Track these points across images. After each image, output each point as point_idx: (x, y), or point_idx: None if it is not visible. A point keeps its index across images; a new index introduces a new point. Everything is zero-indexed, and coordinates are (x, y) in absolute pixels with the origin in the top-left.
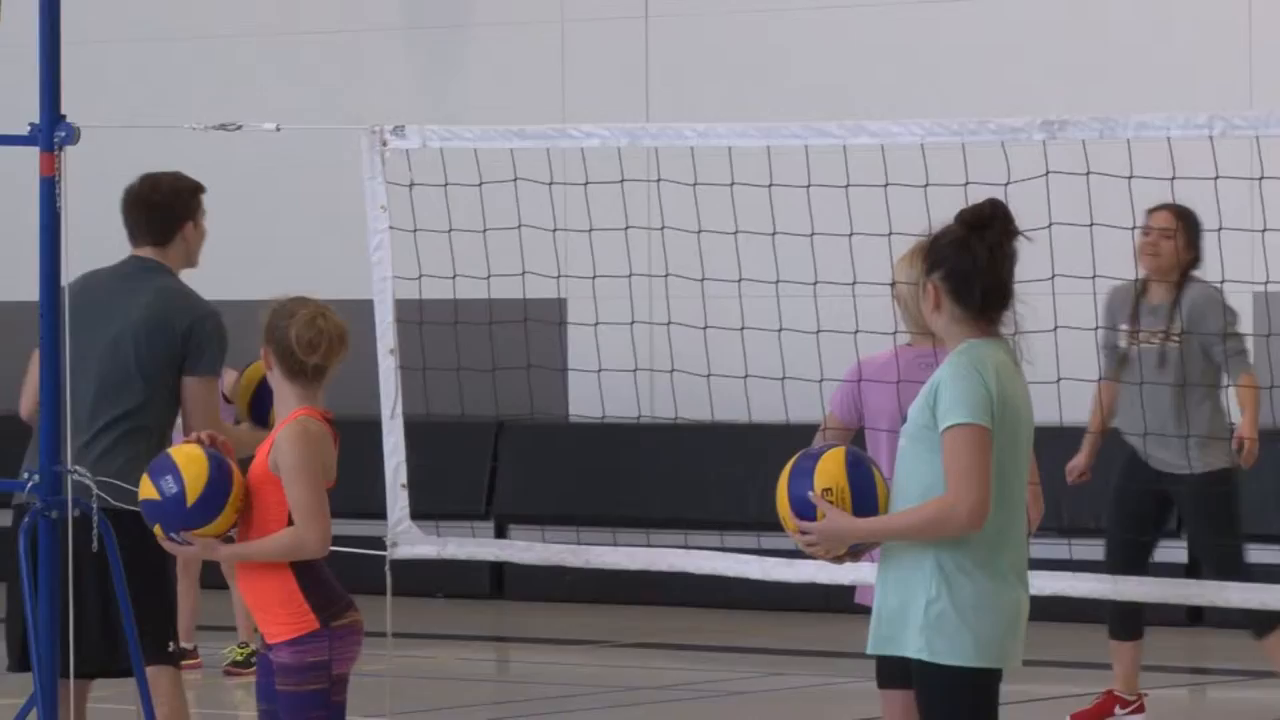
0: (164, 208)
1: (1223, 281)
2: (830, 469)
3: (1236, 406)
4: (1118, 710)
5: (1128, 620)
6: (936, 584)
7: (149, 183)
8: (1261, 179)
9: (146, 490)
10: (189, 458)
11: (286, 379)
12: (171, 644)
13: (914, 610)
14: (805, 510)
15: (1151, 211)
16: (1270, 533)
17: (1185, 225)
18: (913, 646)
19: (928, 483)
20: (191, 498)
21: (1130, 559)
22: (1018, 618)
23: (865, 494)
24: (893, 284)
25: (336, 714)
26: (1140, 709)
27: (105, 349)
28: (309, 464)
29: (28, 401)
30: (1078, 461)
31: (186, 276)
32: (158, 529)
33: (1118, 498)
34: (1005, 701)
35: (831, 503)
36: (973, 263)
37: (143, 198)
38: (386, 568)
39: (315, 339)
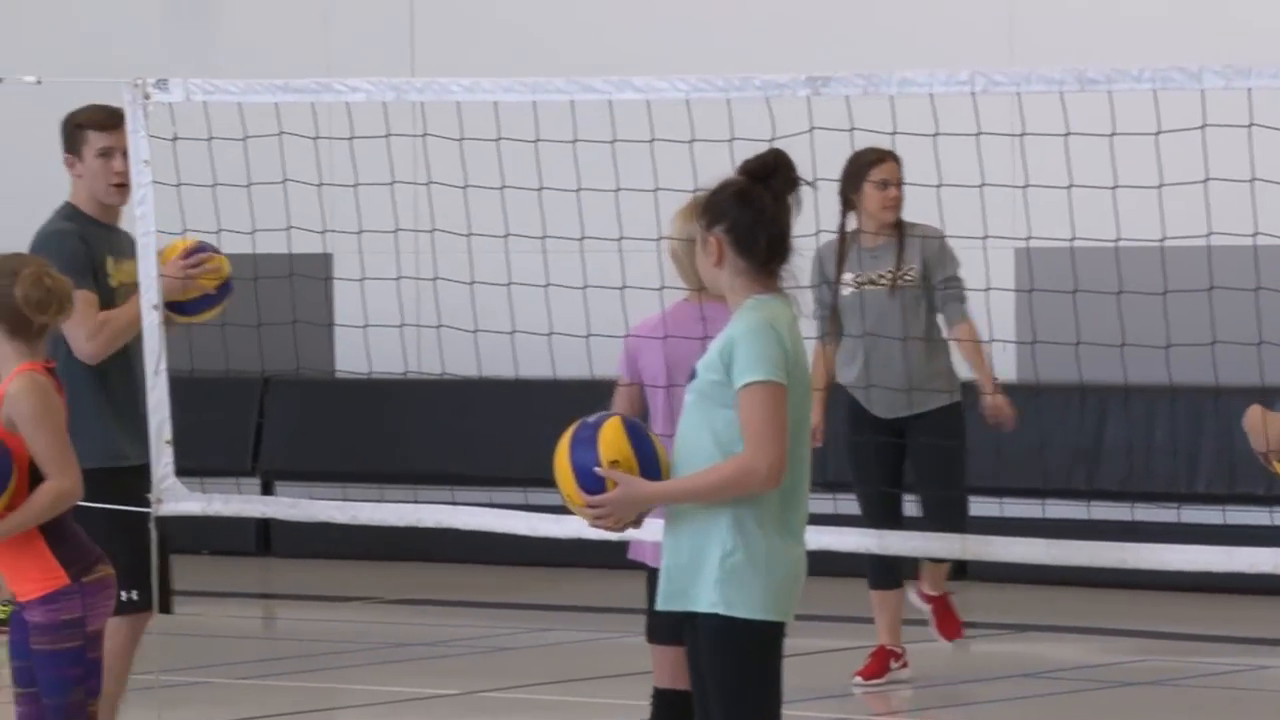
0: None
1: (985, 237)
2: (613, 440)
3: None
4: (892, 664)
5: (888, 571)
6: (733, 538)
7: None
8: (1023, 135)
9: None
10: None
11: (8, 337)
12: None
13: (708, 565)
14: (591, 483)
15: (881, 163)
16: (1027, 486)
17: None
18: (706, 601)
19: (722, 438)
20: None
21: (887, 511)
22: (802, 572)
23: (649, 461)
24: (658, 239)
25: (93, 671)
26: (906, 663)
27: None
28: (48, 412)
29: None
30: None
31: None
32: None
33: (856, 453)
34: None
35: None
36: (757, 214)
37: None
38: (152, 524)
39: (45, 299)
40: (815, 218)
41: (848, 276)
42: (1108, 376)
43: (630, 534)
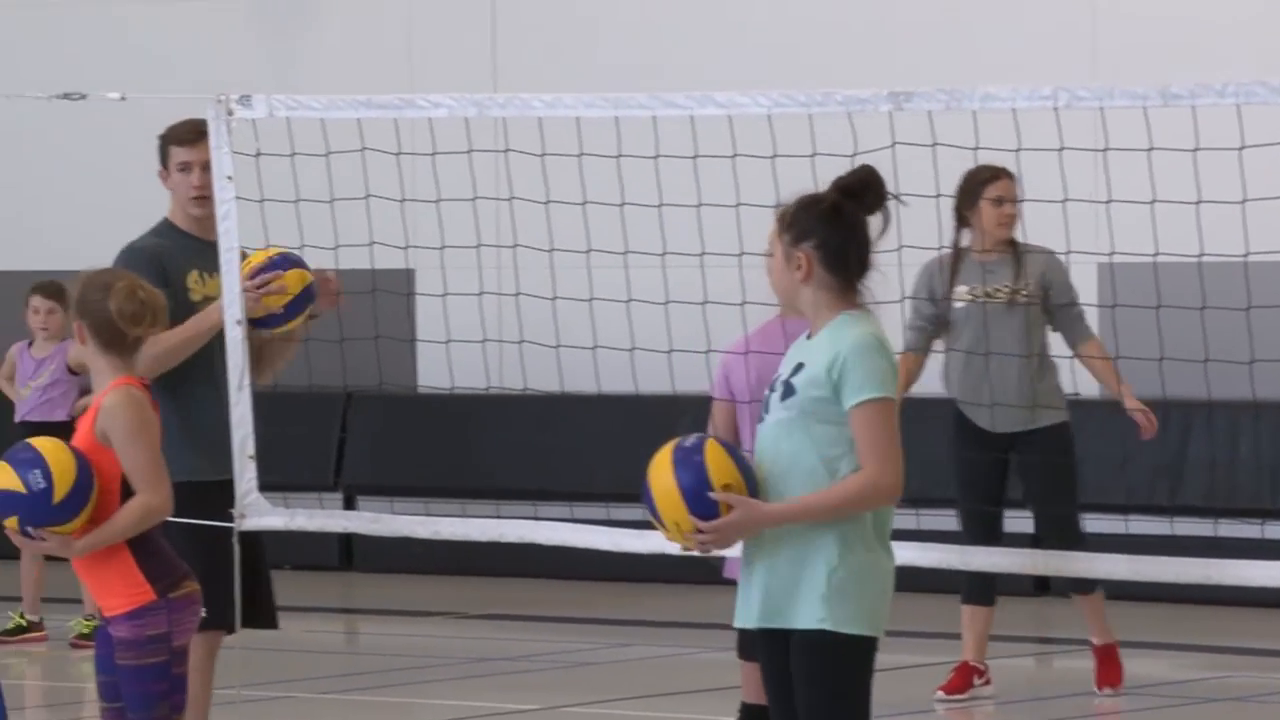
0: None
1: (1068, 252)
2: (721, 463)
3: (1090, 376)
4: (975, 680)
5: (984, 588)
6: (838, 555)
7: None
8: (1106, 150)
9: (8, 480)
10: (57, 453)
11: (103, 351)
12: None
13: (812, 582)
14: (702, 507)
15: (996, 180)
16: (1111, 502)
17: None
18: (812, 617)
19: (828, 455)
20: (58, 495)
21: (988, 528)
22: (892, 586)
23: (752, 482)
24: (740, 254)
25: (178, 686)
26: (989, 680)
27: None
28: (143, 427)
29: None
30: None
31: None
32: (11, 522)
33: (963, 468)
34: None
35: None
36: (849, 231)
37: None
38: (234, 539)
39: (139, 312)
40: (898, 233)
41: (962, 289)
42: (1191, 392)
43: (717, 552)
